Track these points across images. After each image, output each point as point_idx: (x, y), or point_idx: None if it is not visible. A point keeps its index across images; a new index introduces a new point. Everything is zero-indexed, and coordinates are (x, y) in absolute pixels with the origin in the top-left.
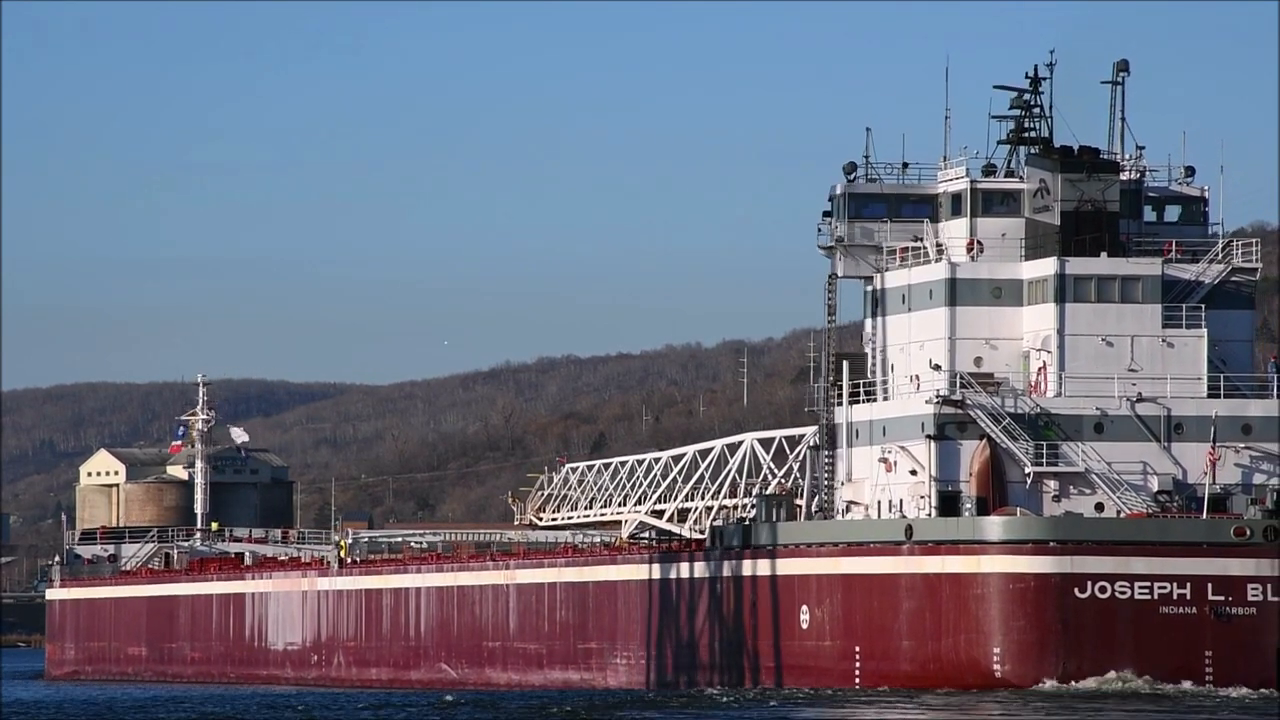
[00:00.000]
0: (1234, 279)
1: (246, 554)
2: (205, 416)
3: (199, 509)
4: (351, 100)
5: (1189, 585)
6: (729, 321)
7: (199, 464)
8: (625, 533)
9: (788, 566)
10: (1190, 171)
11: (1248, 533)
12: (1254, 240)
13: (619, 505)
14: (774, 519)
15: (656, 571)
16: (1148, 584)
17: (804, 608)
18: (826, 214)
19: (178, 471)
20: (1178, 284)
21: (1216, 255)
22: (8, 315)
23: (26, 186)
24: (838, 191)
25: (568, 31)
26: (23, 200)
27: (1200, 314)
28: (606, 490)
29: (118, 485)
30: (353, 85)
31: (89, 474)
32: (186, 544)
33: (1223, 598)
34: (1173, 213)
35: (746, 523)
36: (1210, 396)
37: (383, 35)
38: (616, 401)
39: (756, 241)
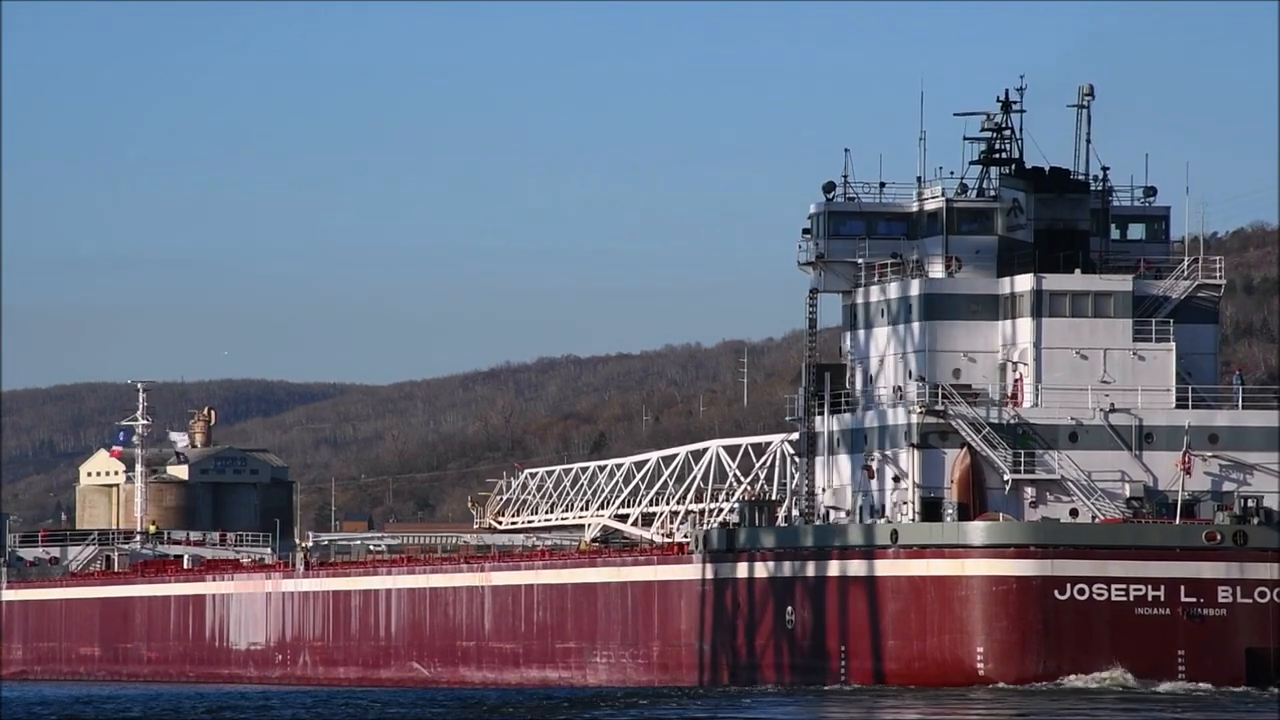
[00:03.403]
0: (1200, 295)
1: (186, 557)
2: (145, 421)
3: (138, 511)
4: (350, 99)
5: (1163, 587)
6: (729, 321)
7: (139, 468)
8: (588, 536)
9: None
10: (1152, 191)
11: (1218, 537)
12: (1217, 258)
13: (580, 510)
14: (757, 524)
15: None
16: (1124, 586)
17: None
18: (806, 231)
19: (179, 471)
20: (1146, 299)
21: (1183, 272)
22: (8, 315)
23: (25, 185)
24: (817, 210)
25: (567, 31)
26: (23, 199)
27: (1169, 328)
28: (567, 495)
29: (118, 485)
30: (352, 85)
31: (89, 474)
32: (128, 547)
33: (1195, 599)
34: (1136, 230)
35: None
36: (1179, 407)
37: (383, 33)
38: (616, 402)
39: (756, 242)
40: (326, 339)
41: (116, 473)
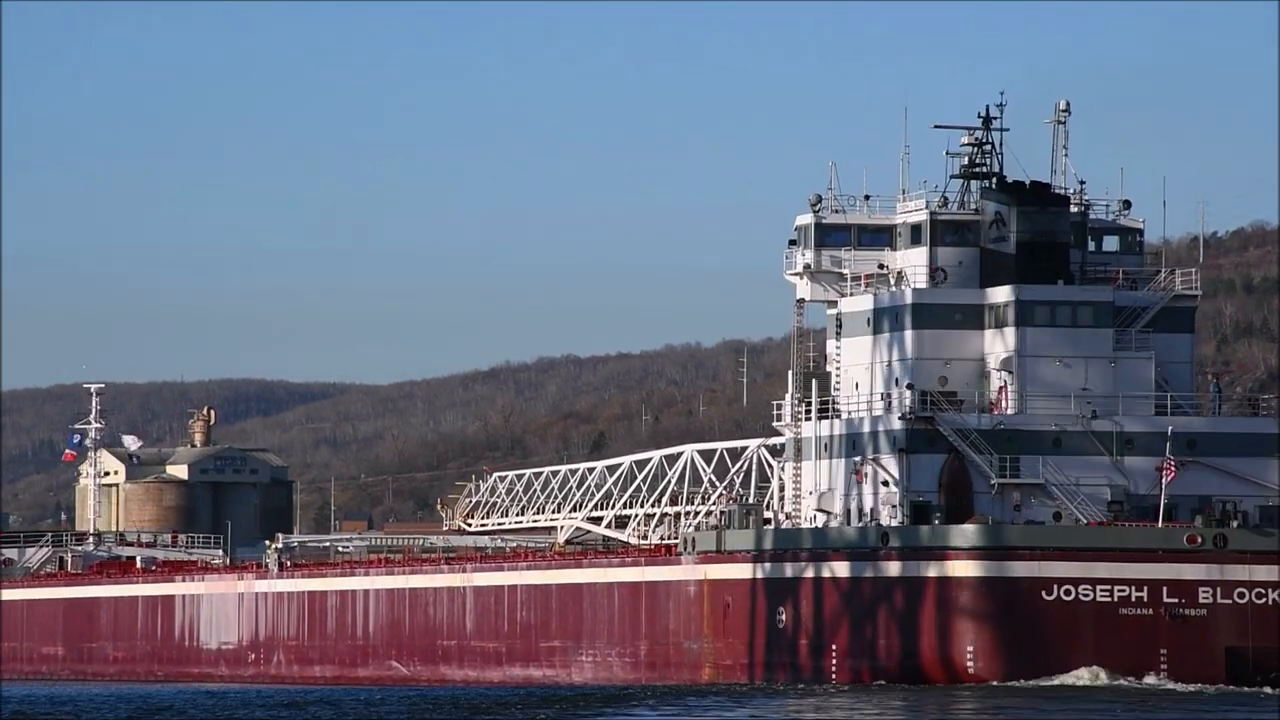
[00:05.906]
0: (1176, 305)
1: (139, 558)
2: (99, 425)
3: (90, 514)
4: (349, 98)
5: (1146, 589)
6: (729, 321)
7: (89, 469)
8: (561, 538)
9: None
10: (1127, 205)
11: (1199, 540)
12: (1193, 269)
13: (553, 512)
14: (749, 526)
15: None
16: (1108, 587)
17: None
18: (792, 242)
19: (178, 471)
20: (1125, 309)
21: (1160, 284)
22: (8, 315)
23: (25, 183)
24: (803, 222)
25: (566, 33)
26: (24, 197)
27: (1148, 338)
28: (537, 498)
29: (118, 485)
30: (351, 84)
31: (89, 474)
32: (80, 548)
33: (1177, 600)
34: (1111, 243)
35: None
36: (1158, 414)
37: (382, 32)
38: (616, 401)
39: (756, 241)
40: (326, 339)
41: (116, 472)
